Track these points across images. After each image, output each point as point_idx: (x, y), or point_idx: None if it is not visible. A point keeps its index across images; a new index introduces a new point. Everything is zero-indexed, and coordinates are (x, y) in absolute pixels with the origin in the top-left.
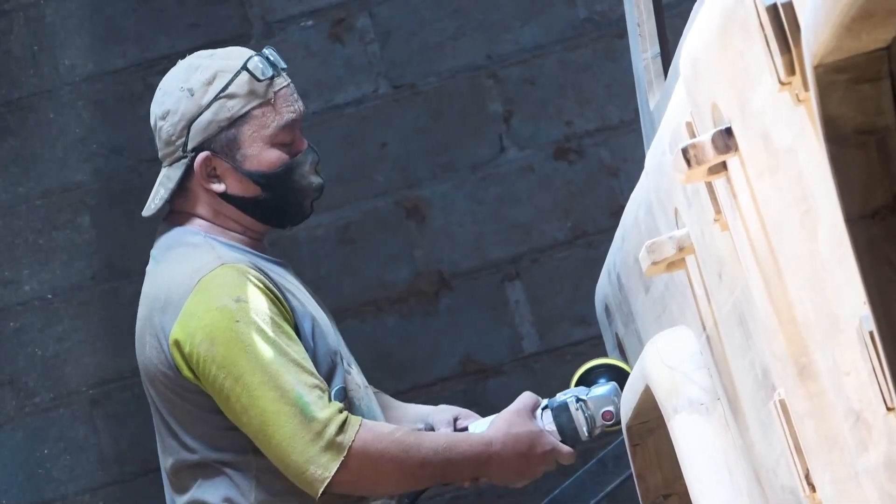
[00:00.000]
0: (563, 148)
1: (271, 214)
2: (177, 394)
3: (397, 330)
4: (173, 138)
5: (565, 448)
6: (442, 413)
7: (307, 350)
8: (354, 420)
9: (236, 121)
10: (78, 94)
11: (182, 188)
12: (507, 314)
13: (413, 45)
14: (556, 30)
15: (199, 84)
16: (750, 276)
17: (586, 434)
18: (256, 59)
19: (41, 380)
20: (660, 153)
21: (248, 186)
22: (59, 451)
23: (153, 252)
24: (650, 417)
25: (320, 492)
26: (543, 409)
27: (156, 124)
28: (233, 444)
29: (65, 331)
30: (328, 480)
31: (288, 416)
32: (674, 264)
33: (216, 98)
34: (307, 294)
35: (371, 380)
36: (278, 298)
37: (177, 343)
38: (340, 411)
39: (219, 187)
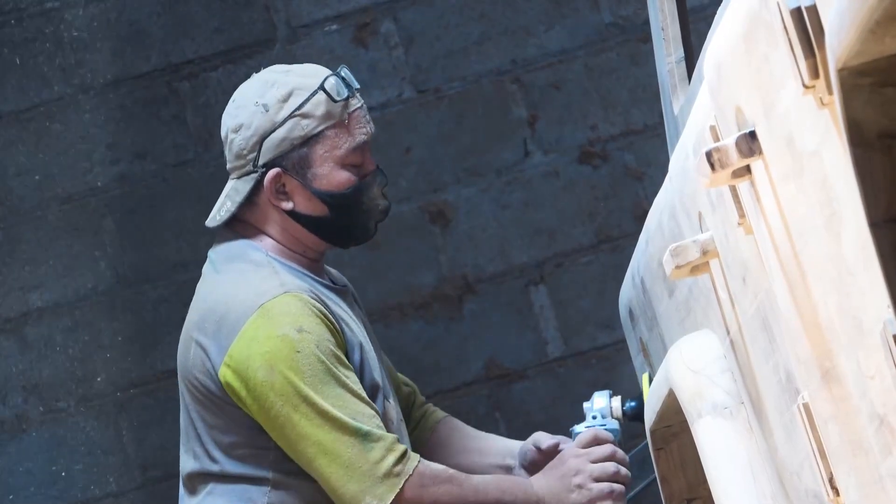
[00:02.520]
0: (587, 152)
1: (336, 234)
2: (214, 404)
3: (422, 334)
4: (244, 152)
5: (597, 449)
6: (529, 443)
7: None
8: (413, 455)
9: (309, 140)
10: (102, 98)
11: (249, 201)
12: (531, 318)
13: (438, 49)
14: (581, 34)
15: (274, 100)
16: (774, 280)
17: (617, 424)
18: (333, 79)
19: (65, 385)
20: (684, 157)
21: (317, 206)
22: (84, 455)
23: (212, 255)
24: (674, 421)
25: None
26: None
27: (227, 136)
28: (257, 460)
29: (89, 336)
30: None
31: (347, 446)
32: (698, 268)
33: (291, 115)
34: (359, 323)
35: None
36: (336, 329)
37: (231, 364)
38: (397, 442)
39: (287, 205)
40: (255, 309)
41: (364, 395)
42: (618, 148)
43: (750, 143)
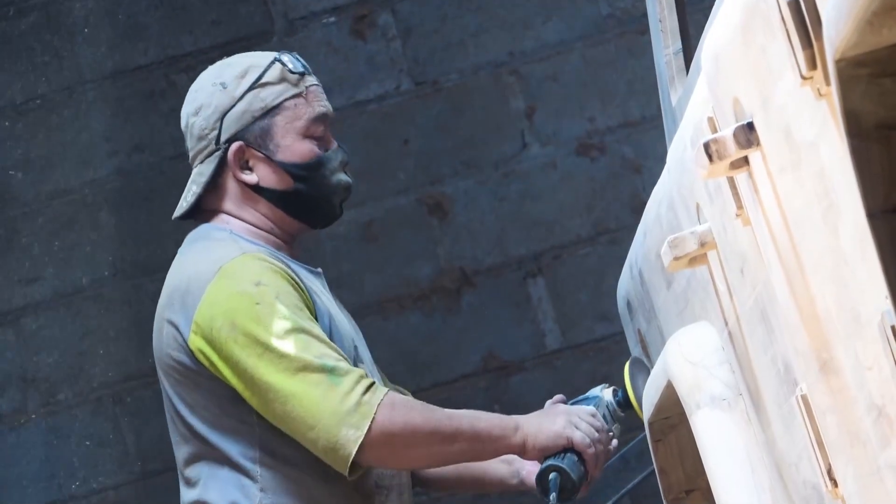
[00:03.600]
0: (585, 144)
1: (302, 209)
2: (191, 379)
3: (420, 327)
4: (206, 132)
5: (581, 406)
6: None
7: None
8: (380, 386)
9: (270, 111)
10: (100, 91)
11: (214, 184)
12: (529, 311)
13: (435, 41)
14: (579, 26)
15: (231, 77)
16: (772, 272)
17: (609, 397)
18: (288, 54)
19: (64, 377)
20: (682, 149)
21: (281, 177)
22: (82, 448)
23: (180, 248)
24: (672, 413)
25: (353, 453)
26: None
27: (188, 123)
28: (242, 435)
29: (87, 328)
30: (360, 440)
31: (315, 384)
32: (696, 260)
33: (250, 88)
34: (332, 300)
35: (393, 377)
36: (299, 286)
37: (198, 329)
38: (366, 375)
39: (251, 178)
40: (215, 273)
41: (328, 340)
42: (616, 140)
43: (748, 134)
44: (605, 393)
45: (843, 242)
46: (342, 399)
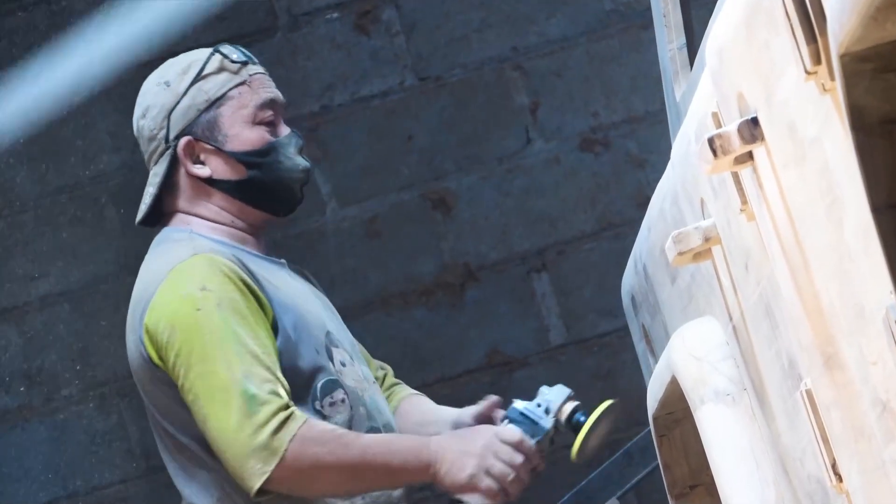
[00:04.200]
0: (589, 139)
1: (259, 196)
2: (156, 385)
3: (424, 322)
4: (155, 132)
5: (507, 429)
6: (467, 411)
7: (287, 343)
8: (298, 417)
9: (214, 102)
10: (104, 87)
11: (169, 185)
12: (533, 306)
13: (439, 37)
14: (582, 21)
15: (174, 75)
16: (776, 267)
17: (550, 423)
18: (229, 46)
19: (68, 373)
20: (686, 144)
21: (234, 167)
22: (86, 444)
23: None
24: (676, 408)
25: (257, 487)
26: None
27: (138, 128)
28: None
29: (91, 324)
30: (266, 475)
31: (234, 409)
32: (700, 255)
33: (192, 83)
34: (302, 290)
35: (397, 372)
36: (251, 289)
37: (147, 331)
38: (286, 407)
39: (204, 171)
40: (166, 275)
41: (265, 357)
42: (619, 135)
43: (752, 129)
44: (564, 408)
45: (847, 237)
46: (255, 432)
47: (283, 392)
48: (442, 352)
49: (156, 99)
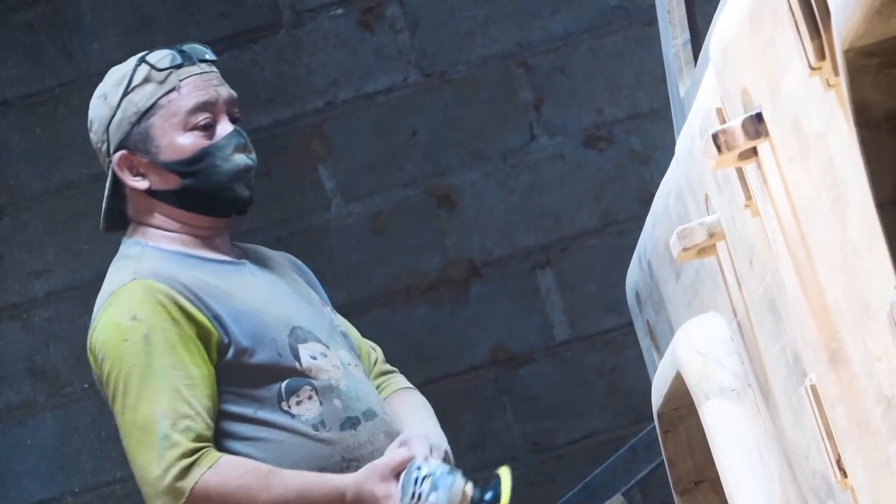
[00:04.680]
0: (593, 136)
1: (200, 203)
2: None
3: (428, 318)
4: (99, 145)
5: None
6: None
7: (242, 353)
8: (205, 461)
9: (144, 114)
10: None
11: (119, 195)
12: (537, 302)
13: (443, 33)
14: (586, 17)
15: (110, 87)
16: (781, 262)
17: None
18: (160, 52)
19: (72, 369)
20: (690, 139)
21: (169, 178)
22: (91, 440)
23: None
24: (681, 404)
25: None
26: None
27: (90, 140)
28: None
29: None
30: None
31: (147, 448)
32: (704, 250)
33: (123, 96)
34: (263, 290)
35: (401, 369)
36: (188, 314)
37: (90, 352)
38: (194, 452)
39: (142, 184)
40: (106, 300)
41: (188, 391)
42: (623, 131)
43: (756, 125)
44: (468, 491)
45: (851, 233)
46: (162, 474)
47: (199, 429)
48: (446, 348)
49: (96, 112)
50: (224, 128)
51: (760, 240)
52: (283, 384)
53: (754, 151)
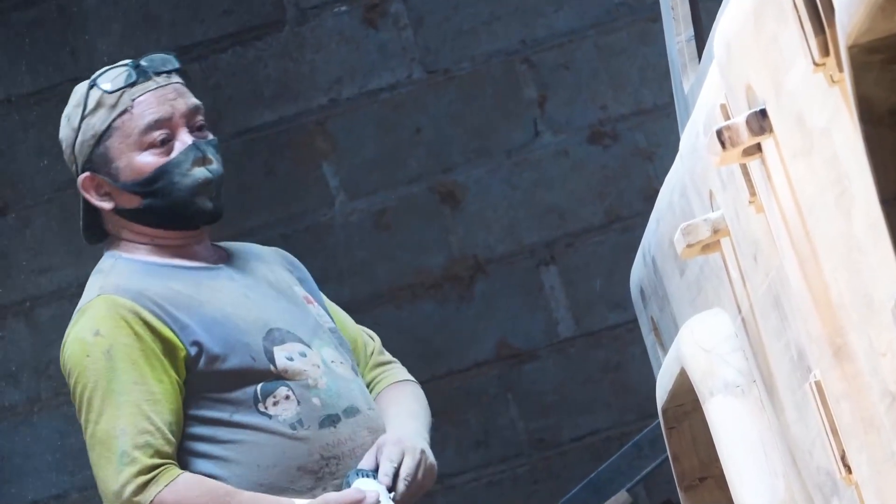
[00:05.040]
0: (597, 132)
1: (164, 220)
2: None
3: (433, 315)
4: (70, 166)
5: None
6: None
7: (214, 361)
8: (163, 479)
9: (101, 136)
10: None
11: (94, 211)
12: (542, 299)
13: (447, 29)
14: (591, 14)
15: (72, 108)
16: (785, 258)
17: None
18: (113, 70)
19: None
20: (694, 136)
21: (130, 198)
22: None
23: None
24: (686, 400)
25: None
26: None
27: (66, 159)
28: None
29: None
30: None
31: (107, 462)
32: (709, 247)
33: (82, 118)
34: (238, 294)
35: (406, 366)
36: (152, 329)
37: (62, 367)
38: (151, 469)
39: (108, 204)
40: (75, 315)
41: (150, 406)
42: (628, 128)
43: (760, 121)
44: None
45: (856, 228)
46: (119, 490)
47: (159, 445)
48: (451, 345)
49: (63, 133)
50: (183, 142)
51: (765, 236)
52: (259, 387)
53: (758, 148)
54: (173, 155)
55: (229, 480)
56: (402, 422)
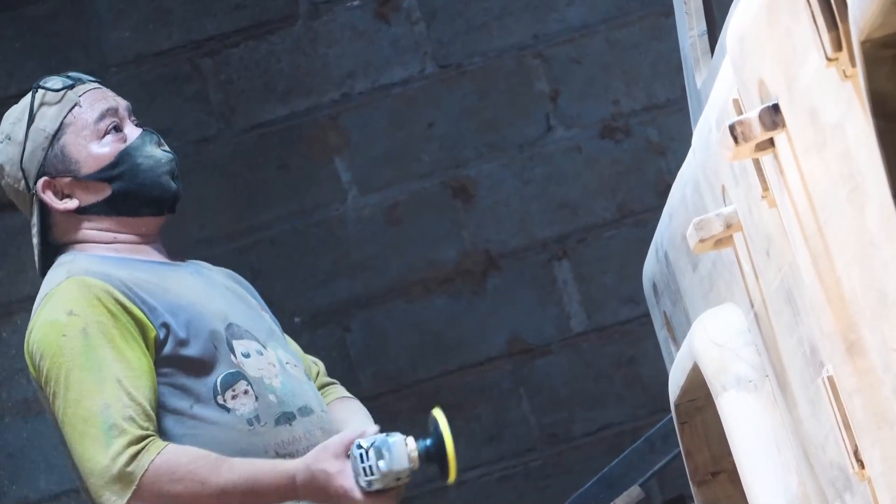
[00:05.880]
0: (609, 127)
1: (134, 205)
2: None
3: (445, 310)
4: (16, 185)
5: (356, 493)
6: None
7: (179, 345)
8: (153, 448)
9: (54, 136)
10: (124, 75)
11: (49, 227)
12: (554, 293)
13: (459, 24)
14: (603, 9)
15: (9, 127)
16: (798, 253)
17: (364, 484)
18: (47, 80)
19: None
20: (707, 131)
21: (97, 188)
22: None
23: None
24: (698, 395)
25: None
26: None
27: (4, 191)
28: None
29: None
30: (127, 500)
31: (92, 439)
32: (721, 242)
33: (28, 127)
34: (201, 288)
35: (418, 360)
36: (125, 308)
37: (29, 357)
38: (140, 439)
39: (72, 204)
40: (41, 302)
41: (130, 382)
42: (640, 122)
43: (773, 116)
44: (411, 450)
45: (868, 223)
46: (109, 463)
47: (143, 419)
48: (463, 340)
49: (3, 156)
50: (132, 131)
51: (777, 231)
52: (219, 378)
53: (771, 142)
54: (131, 140)
55: None
56: (361, 422)
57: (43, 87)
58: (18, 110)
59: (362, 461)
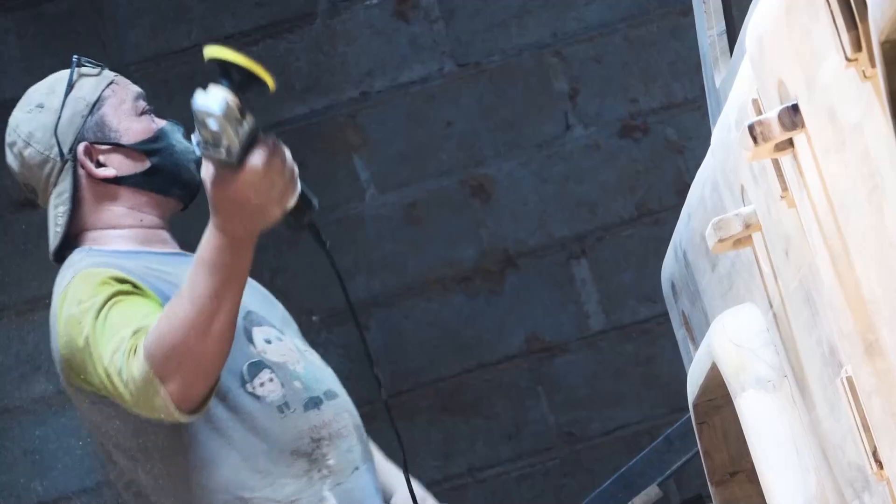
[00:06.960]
0: (628, 126)
1: (167, 183)
2: (94, 409)
3: (463, 308)
4: (45, 153)
5: (220, 173)
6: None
7: None
8: (141, 338)
9: (94, 105)
10: (143, 74)
11: (76, 201)
12: (572, 292)
13: (478, 22)
14: (622, 7)
15: (42, 97)
16: (817, 253)
17: (224, 156)
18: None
19: None
20: (726, 130)
21: (136, 159)
22: None
23: None
24: (717, 395)
25: (174, 410)
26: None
27: (21, 164)
28: (172, 448)
29: None
30: (168, 398)
31: (107, 340)
32: (740, 241)
33: (66, 95)
34: None
35: (436, 359)
36: (139, 287)
37: (62, 359)
38: (122, 351)
39: (109, 172)
40: (57, 307)
41: (151, 317)
42: (659, 121)
43: (792, 116)
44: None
45: (888, 223)
46: (124, 387)
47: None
48: (481, 338)
49: (33, 124)
50: (160, 119)
51: (796, 231)
52: (244, 367)
53: (790, 143)
54: (165, 125)
55: (231, 469)
56: (397, 475)
57: (81, 62)
58: (48, 84)
59: (203, 146)
